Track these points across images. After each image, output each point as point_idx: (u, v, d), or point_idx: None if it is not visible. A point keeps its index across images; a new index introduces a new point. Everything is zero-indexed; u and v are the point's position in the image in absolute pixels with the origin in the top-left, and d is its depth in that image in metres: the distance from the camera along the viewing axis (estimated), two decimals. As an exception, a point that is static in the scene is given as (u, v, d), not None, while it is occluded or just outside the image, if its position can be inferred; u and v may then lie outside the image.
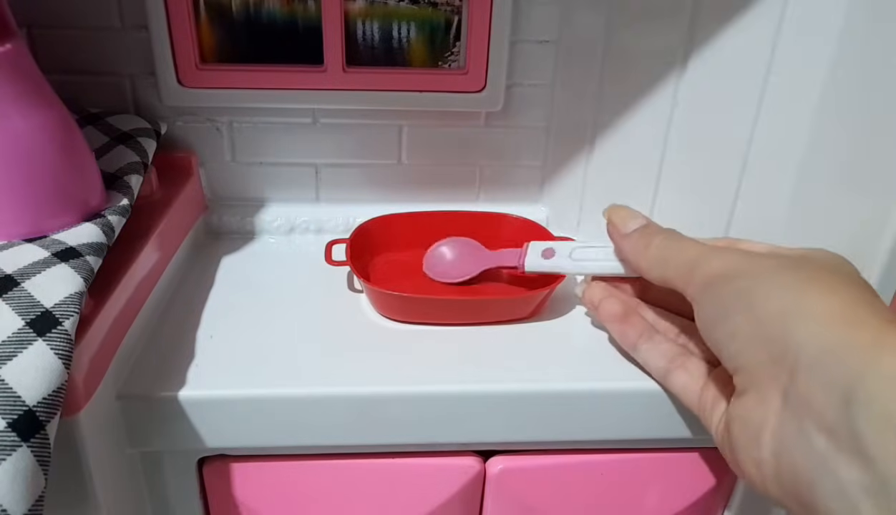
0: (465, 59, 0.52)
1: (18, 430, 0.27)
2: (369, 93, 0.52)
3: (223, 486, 0.42)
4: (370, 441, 0.40)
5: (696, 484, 0.44)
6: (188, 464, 0.41)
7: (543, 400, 0.39)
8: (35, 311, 0.30)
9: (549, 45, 0.52)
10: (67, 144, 0.38)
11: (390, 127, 0.55)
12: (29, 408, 0.28)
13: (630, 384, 0.40)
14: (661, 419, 0.40)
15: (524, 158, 0.57)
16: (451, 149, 0.56)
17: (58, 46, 0.49)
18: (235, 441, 0.39)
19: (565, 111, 0.54)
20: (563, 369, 0.41)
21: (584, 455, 0.43)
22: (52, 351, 0.29)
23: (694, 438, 0.42)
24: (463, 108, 0.54)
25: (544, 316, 0.46)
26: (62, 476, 0.33)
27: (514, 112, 0.55)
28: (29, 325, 0.30)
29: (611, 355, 0.42)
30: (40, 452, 0.28)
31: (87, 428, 0.33)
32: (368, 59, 0.52)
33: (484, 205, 0.58)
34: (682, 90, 0.47)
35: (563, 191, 0.56)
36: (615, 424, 0.41)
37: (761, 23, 0.42)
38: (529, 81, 0.54)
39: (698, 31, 0.45)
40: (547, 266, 0.45)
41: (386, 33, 0.52)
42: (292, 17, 0.50)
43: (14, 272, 0.33)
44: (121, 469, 0.38)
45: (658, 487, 0.44)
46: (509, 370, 0.40)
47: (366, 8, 0.51)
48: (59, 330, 0.30)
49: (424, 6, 0.51)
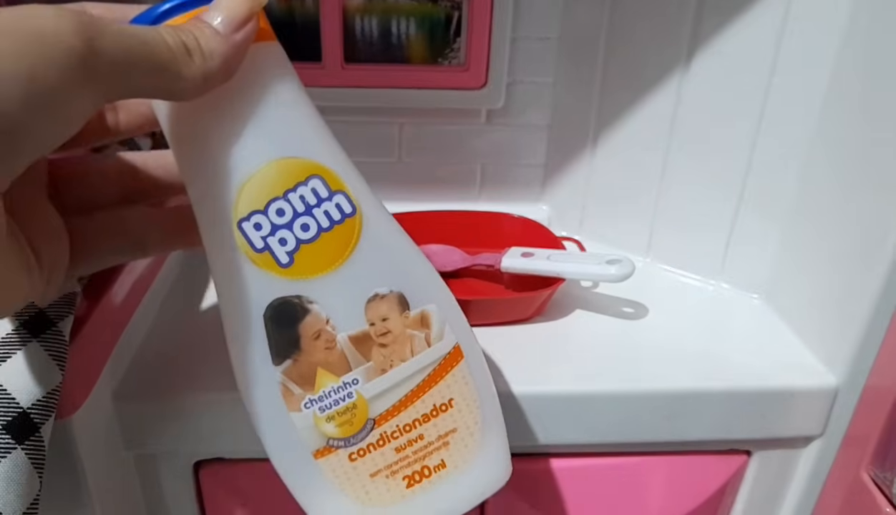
0: (466, 55, 0.52)
1: (13, 432, 0.27)
2: (368, 91, 0.52)
3: (219, 490, 0.41)
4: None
5: (700, 488, 0.44)
6: (184, 467, 0.40)
7: (545, 403, 0.39)
8: (29, 312, 0.30)
9: (550, 41, 0.52)
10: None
11: (390, 124, 0.54)
12: (23, 410, 0.27)
13: (632, 386, 0.40)
14: (664, 421, 0.40)
15: (525, 157, 0.56)
16: (452, 147, 0.55)
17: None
18: (232, 444, 0.39)
19: (567, 109, 0.53)
20: (564, 371, 0.40)
21: (587, 458, 0.43)
22: (46, 352, 0.29)
23: (697, 441, 0.42)
24: (463, 106, 0.54)
25: (545, 318, 0.45)
26: (57, 479, 0.33)
27: (516, 110, 0.54)
28: (23, 326, 0.29)
29: (613, 357, 0.42)
30: (35, 455, 0.27)
31: (82, 430, 0.33)
32: (367, 56, 0.52)
33: (485, 204, 0.57)
34: (685, 88, 0.46)
35: (564, 190, 0.56)
36: (617, 426, 0.40)
37: (765, 21, 0.42)
38: (531, 79, 0.53)
39: (702, 29, 0.44)
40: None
41: (385, 29, 0.51)
42: (290, 13, 0.50)
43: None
44: (116, 472, 0.37)
45: (661, 490, 0.44)
46: (510, 371, 0.40)
47: (365, 3, 0.50)
48: (53, 330, 0.30)
49: (424, 2, 0.51)
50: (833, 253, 0.41)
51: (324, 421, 0.28)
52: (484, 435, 0.30)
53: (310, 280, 0.27)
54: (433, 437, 0.29)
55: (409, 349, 0.28)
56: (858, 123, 0.39)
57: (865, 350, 0.39)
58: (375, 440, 0.29)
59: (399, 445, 0.29)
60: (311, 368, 0.28)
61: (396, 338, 0.28)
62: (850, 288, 0.39)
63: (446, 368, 0.29)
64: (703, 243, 0.49)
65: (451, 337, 0.29)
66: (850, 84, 0.39)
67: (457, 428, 0.29)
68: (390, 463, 0.29)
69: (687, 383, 0.40)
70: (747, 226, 0.47)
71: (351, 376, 0.28)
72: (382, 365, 0.28)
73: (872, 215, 0.37)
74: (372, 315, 0.28)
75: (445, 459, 0.29)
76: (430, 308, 0.28)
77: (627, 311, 0.47)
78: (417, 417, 0.29)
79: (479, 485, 0.30)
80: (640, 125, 0.49)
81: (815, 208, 0.42)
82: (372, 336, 0.28)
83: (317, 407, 0.28)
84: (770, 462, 0.44)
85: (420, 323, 0.28)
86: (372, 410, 0.28)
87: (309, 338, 0.27)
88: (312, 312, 0.27)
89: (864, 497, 0.39)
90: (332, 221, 0.27)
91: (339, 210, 0.27)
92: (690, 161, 0.48)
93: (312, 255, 0.27)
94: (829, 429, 0.41)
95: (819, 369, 0.41)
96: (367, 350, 0.28)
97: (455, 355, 0.29)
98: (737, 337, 0.44)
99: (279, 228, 0.26)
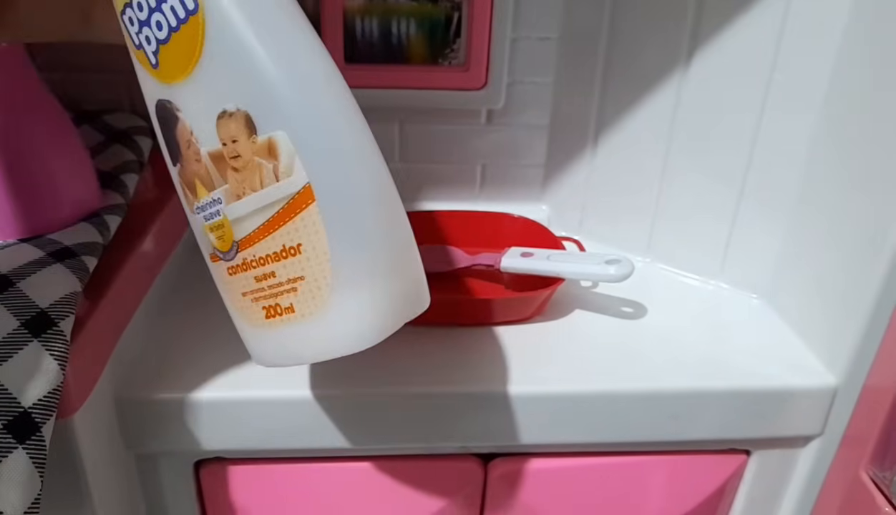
0: (466, 55, 0.52)
1: (14, 432, 0.27)
2: (369, 91, 0.52)
3: (220, 489, 0.41)
4: (369, 444, 0.40)
5: (699, 487, 0.44)
6: (185, 467, 0.40)
7: (545, 402, 0.39)
8: (30, 312, 0.30)
9: (550, 42, 0.52)
10: (62, 143, 0.37)
11: (390, 124, 0.54)
12: (24, 410, 0.28)
13: (631, 385, 0.40)
14: (663, 421, 0.40)
15: (525, 157, 0.56)
16: (452, 147, 0.56)
17: (54, 44, 0.49)
18: (232, 443, 0.39)
19: (567, 109, 0.53)
20: (564, 370, 0.40)
21: (586, 457, 0.43)
22: (47, 352, 0.29)
23: (696, 440, 0.42)
24: (463, 106, 0.54)
25: (545, 318, 0.46)
26: (58, 478, 0.33)
27: (516, 110, 0.54)
28: (24, 326, 0.29)
29: (612, 356, 0.42)
30: (36, 454, 0.27)
31: (82, 429, 0.33)
32: (368, 56, 0.52)
33: (485, 204, 0.58)
34: (685, 88, 0.46)
35: (564, 190, 0.56)
36: (617, 426, 0.40)
37: (765, 20, 0.42)
38: (531, 79, 0.53)
39: (702, 28, 0.44)
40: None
41: (385, 30, 0.51)
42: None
43: (9, 272, 0.32)
44: (117, 472, 0.37)
45: (660, 490, 0.44)
46: (510, 371, 0.40)
47: (365, 4, 0.50)
48: (54, 330, 0.30)
49: (424, 2, 0.51)
50: (832, 253, 0.41)
51: (208, 231, 0.27)
52: (334, 292, 0.26)
53: (172, 85, 0.26)
54: (283, 279, 0.27)
55: (259, 179, 0.26)
56: (858, 122, 0.39)
57: (864, 350, 0.39)
58: (240, 262, 0.27)
59: (257, 275, 0.27)
60: (192, 177, 0.27)
61: (246, 164, 0.25)
62: (849, 289, 0.39)
63: (294, 209, 0.25)
64: (702, 243, 0.49)
65: (302, 175, 0.25)
66: (850, 83, 0.39)
67: (304, 277, 0.26)
68: (253, 289, 0.27)
69: (686, 383, 0.40)
70: (746, 226, 0.47)
71: (216, 194, 0.27)
72: (237, 191, 0.26)
73: (871, 216, 0.38)
74: (223, 134, 0.25)
75: (294, 304, 0.27)
76: (278, 135, 0.25)
77: (627, 311, 0.47)
78: (269, 253, 0.26)
79: (331, 341, 0.27)
80: (639, 125, 0.49)
81: (814, 209, 0.42)
82: (225, 157, 0.26)
83: (202, 215, 0.27)
84: (769, 461, 0.44)
85: (267, 152, 0.25)
86: (236, 233, 0.27)
87: (184, 146, 0.26)
88: (181, 120, 0.26)
89: (863, 496, 0.39)
90: (178, 19, 0.25)
91: (183, 5, 0.24)
92: (690, 161, 0.48)
93: (170, 57, 0.25)
94: (829, 429, 0.41)
95: (818, 369, 0.41)
96: (223, 171, 0.26)
97: (304, 196, 0.25)
98: (736, 337, 0.44)
99: (143, 25, 0.25)
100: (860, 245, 0.38)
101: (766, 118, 0.44)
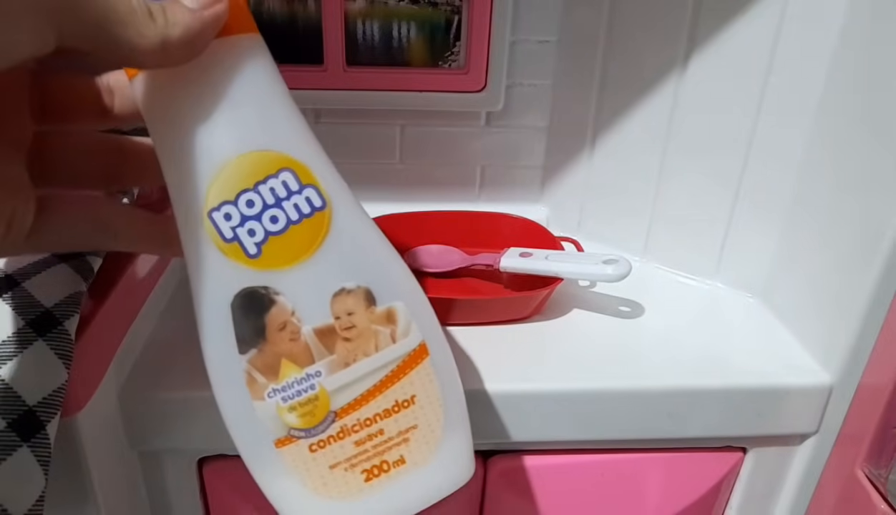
0: (466, 58, 0.52)
1: (18, 430, 0.27)
2: (369, 93, 0.53)
3: (223, 486, 0.42)
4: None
5: (696, 484, 0.44)
6: (188, 464, 0.41)
7: (543, 400, 0.39)
8: (35, 311, 0.30)
9: (549, 44, 0.52)
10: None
11: (390, 126, 0.55)
12: (29, 408, 0.28)
13: (628, 384, 0.40)
14: (660, 419, 0.41)
15: (524, 158, 0.57)
16: (452, 149, 0.56)
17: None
18: (235, 440, 0.39)
19: (565, 111, 0.54)
20: (562, 369, 0.41)
21: (584, 455, 0.43)
22: (52, 351, 0.29)
23: (693, 438, 0.42)
24: (463, 108, 0.54)
25: (543, 317, 0.46)
26: (62, 476, 0.33)
27: (515, 112, 0.55)
28: (29, 325, 0.30)
29: (610, 355, 0.42)
30: (40, 452, 0.28)
31: (87, 427, 0.33)
32: (369, 59, 0.52)
33: (484, 204, 0.58)
34: (682, 91, 0.47)
35: (563, 190, 0.56)
36: (614, 424, 0.41)
37: (761, 23, 0.42)
38: (530, 81, 0.54)
39: (699, 32, 0.45)
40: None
41: (386, 33, 0.52)
42: (292, 17, 0.50)
43: (14, 272, 0.32)
44: (121, 469, 0.38)
45: (657, 487, 0.44)
46: (509, 370, 0.40)
47: (366, 7, 0.51)
48: (59, 329, 0.30)
49: (424, 6, 0.51)
50: (827, 253, 0.41)
51: (286, 411, 0.28)
52: (445, 433, 0.30)
53: (277, 271, 0.27)
54: (393, 433, 0.29)
55: (374, 344, 0.28)
56: (855, 123, 0.39)
57: (859, 348, 0.39)
58: (336, 432, 0.28)
59: (359, 439, 0.29)
60: (276, 358, 0.28)
61: (361, 333, 0.28)
62: (844, 288, 0.39)
63: (410, 365, 0.29)
64: (699, 244, 0.50)
65: (417, 335, 0.29)
66: (845, 87, 0.40)
67: (418, 425, 0.29)
68: (350, 456, 0.29)
69: (683, 381, 0.40)
70: (743, 226, 0.47)
71: (314, 368, 0.28)
72: (346, 359, 0.28)
73: (866, 216, 0.38)
74: (338, 309, 0.28)
75: (405, 455, 0.29)
76: (397, 304, 0.29)
77: (624, 310, 0.47)
78: (378, 412, 0.29)
79: (437, 483, 0.30)
80: (637, 127, 0.50)
81: (810, 209, 0.43)
82: (337, 329, 0.28)
83: (279, 396, 0.28)
84: (765, 459, 0.44)
85: (386, 319, 0.28)
86: (334, 403, 0.28)
87: (274, 329, 0.28)
88: (278, 303, 0.27)
89: (859, 493, 0.39)
90: (301, 214, 0.27)
91: (309, 203, 0.27)
92: (687, 162, 0.48)
93: (280, 247, 0.27)
94: (824, 427, 0.42)
95: (814, 367, 0.41)
96: (331, 343, 0.28)
97: (420, 352, 0.29)
98: (732, 335, 0.45)
99: (248, 219, 0.26)
100: (854, 245, 0.38)
101: (761, 120, 0.44)
